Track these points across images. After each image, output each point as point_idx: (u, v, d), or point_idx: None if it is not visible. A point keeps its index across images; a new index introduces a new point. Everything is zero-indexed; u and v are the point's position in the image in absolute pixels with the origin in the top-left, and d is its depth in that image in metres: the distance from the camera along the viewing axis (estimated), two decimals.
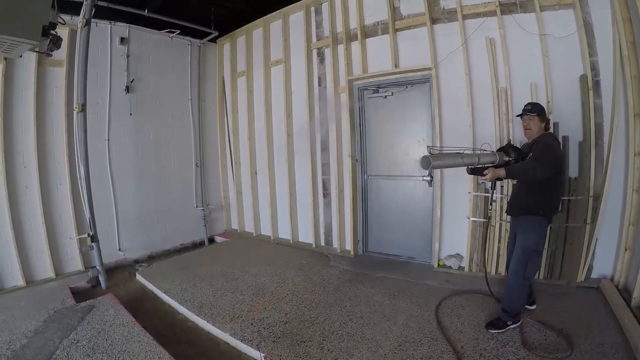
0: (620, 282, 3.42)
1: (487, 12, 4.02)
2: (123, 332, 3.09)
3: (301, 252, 5.44)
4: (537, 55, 3.77)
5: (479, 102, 4.14)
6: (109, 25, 5.16)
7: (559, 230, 3.78)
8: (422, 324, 3.14)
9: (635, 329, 2.65)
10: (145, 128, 5.71)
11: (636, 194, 3.27)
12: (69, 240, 4.73)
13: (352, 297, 3.75)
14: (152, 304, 4.02)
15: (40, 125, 4.53)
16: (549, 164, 2.72)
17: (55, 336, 3.03)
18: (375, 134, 5.13)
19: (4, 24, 2.26)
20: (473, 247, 4.25)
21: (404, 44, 4.65)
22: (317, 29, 5.47)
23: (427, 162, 2.59)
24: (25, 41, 2.46)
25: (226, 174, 7.05)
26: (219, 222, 7.05)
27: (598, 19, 3.52)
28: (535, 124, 2.99)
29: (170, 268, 4.87)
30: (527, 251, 2.86)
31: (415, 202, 4.83)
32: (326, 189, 5.60)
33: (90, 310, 3.50)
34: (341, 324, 3.20)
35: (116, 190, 5.31)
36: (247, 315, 3.40)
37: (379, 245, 5.20)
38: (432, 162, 2.59)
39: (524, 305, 3.02)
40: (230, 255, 5.44)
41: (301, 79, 5.54)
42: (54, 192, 4.68)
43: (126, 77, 5.38)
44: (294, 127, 5.80)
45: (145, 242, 5.68)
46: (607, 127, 3.55)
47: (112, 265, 5.04)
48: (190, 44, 6.28)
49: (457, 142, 4.08)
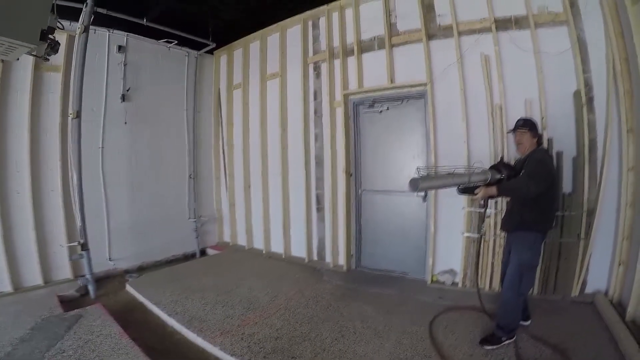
0: (614, 297, 3.41)
1: (482, 28, 4.09)
2: (111, 343, 3.03)
3: (294, 267, 5.38)
4: (532, 71, 3.82)
5: (473, 118, 4.16)
6: (107, 32, 5.17)
7: (553, 246, 3.77)
8: (416, 340, 3.09)
9: (630, 343, 2.64)
10: (140, 137, 5.68)
11: (630, 209, 3.29)
12: (59, 247, 4.65)
13: (345, 313, 3.70)
14: (142, 315, 3.94)
15: (35, 130, 4.50)
16: (542, 179, 2.71)
17: (41, 345, 2.97)
18: (370, 148, 5.13)
19: (2, 26, 2.26)
20: (467, 263, 4.23)
21: (400, 59, 4.69)
22: (313, 43, 5.52)
23: (415, 184, 2.55)
24: (22, 44, 2.45)
25: (220, 186, 7.00)
26: (211, 234, 6.97)
27: (591, 35, 3.60)
28: (527, 139, 2.99)
29: (161, 279, 4.80)
30: (521, 267, 2.85)
31: (409, 217, 4.82)
32: (320, 203, 5.56)
33: (78, 320, 3.44)
34: (333, 340, 3.14)
35: (108, 199, 5.25)
36: (237, 330, 3.34)
37: (372, 260, 5.15)
38: (419, 184, 2.55)
39: (518, 320, 2.99)
40: (222, 268, 5.37)
41: (297, 93, 5.56)
42: (45, 198, 4.63)
43: (122, 86, 5.37)
44: (288, 141, 5.79)
45: (136, 252, 5.59)
46: (600, 143, 3.58)
47: (101, 275, 4.95)
48: (187, 54, 6.31)
49: (452, 157, 4.14)
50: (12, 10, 2.31)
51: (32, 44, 2.50)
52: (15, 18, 2.33)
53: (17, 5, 2.34)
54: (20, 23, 2.36)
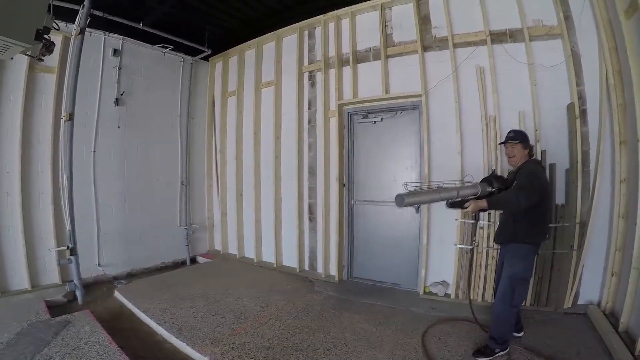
0: (607, 308, 3.43)
1: (477, 41, 4.15)
2: (98, 350, 2.95)
3: (285, 276, 5.34)
4: (526, 83, 3.87)
5: (467, 129, 4.19)
6: (103, 35, 5.14)
7: (545, 257, 3.78)
8: (409, 352, 3.06)
9: (624, 353, 2.66)
10: (133, 142, 5.63)
11: (622, 220, 3.32)
12: (48, 251, 4.57)
13: (337, 324, 3.65)
14: (130, 323, 3.86)
15: (27, 131, 4.44)
16: (533, 191, 2.69)
17: (27, 350, 2.90)
18: (364, 159, 5.13)
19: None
20: (460, 274, 4.21)
21: (395, 70, 4.73)
22: (309, 53, 5.54)
23: (401, 200, 2.54)
24: (17, 43, 2.42)
25: (212, 194, 6.94)
26: (202, 242, 6.89)
27: (585, 48, 3.66)
28: (518, 151, 3.00)
29: (151, 287, 4.72)
30: (514, 278, 2.83)
31: (401, 229, 4.80)
32: (312, 213, 5.54)
33: (66, 326, 3.36)
34: (325, 351, 3.09)
35: (99, 204, 5.18)
36: (228, 339, 3.28)
37: (364, 271, 5.12)
38: (405, 200, 2.53)
39: (511, 332, 2.98)
40: (213, 276, 5.30)
41: (291, 102, 5.57)
42: (35, 201, 4.56)
43: (116, 90, 5.33)
44: (282, 149, 5.77)
45: (126, 258, 5.51)
46: (593, 155, 3.62)
47: (90, 281, 4.86)
48: (182, 60, 6.30)
49: (446, 169, 4.16)
50: (8, 8, 2.28)
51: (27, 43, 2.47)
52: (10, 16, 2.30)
53: (13, 4, 2.31)
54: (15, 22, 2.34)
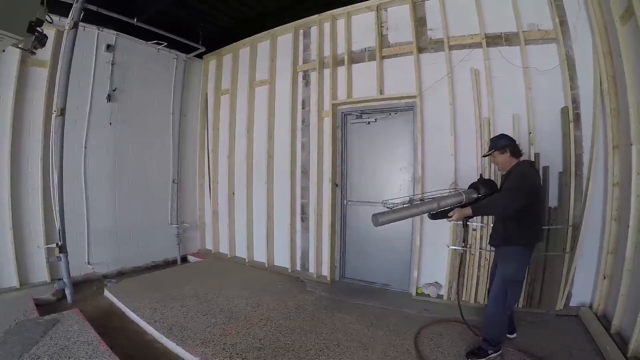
0: (599, 310, 3.46)
1: (473, 43, 4.16)
2: (87, 350, 2.90)
3: (277, 276, 5.32)
4: (520, 87, 3.89)
5: (462, 131, 4.20)
6: (97, 30, 5.08)
7: (538, 259, 3.79)
8: (401, 353, 3.05)
9: (617, 355, 2.68)
10: (124, 139, 5.57)
11: (615, 223, 3.35)
12: (37, 248, 4.50)
13: (329, 324, 3.64)
14: (120, 322, 3.81)
15: (17, 126, 4.39)
16: (521, 194, 2.65)
17: (15, 349, 2.84)
18: (357, 159, 5.12)
19: None
20: (452, 276, 4.22)
21: (390, 72, 4.72)
22: (304, 52, 5.53)
23: (375, 220, 2.52)
24: (9, 35, 2.39)
25: (203, 193, 6.89)
26: (193, 241, 6.84)
27: (580, 53, 3.69)
28: (498, 158, 3.01)
29: (141, 286, 4.66)
30: (506, 281, 2.83)
31: (394, 230, 4.70)
32: (305, 213, 5.52)
33: (54, 325, 3.30)
34: (317, 352, 3.07)
35: (89, 201, 5.12)
36: (219, 340, 3.25)
37: (357, 272, 5.11)
38: (379, 219, 2.50)
39: (504, 333, 2.99)
40: (204, 276, 5.25)
41: (285, 101, 5.54)
42: (25, 197, 4.49)
43: (109, 86, 5.27)
44: (275, 149, 5.75)
45: (116, 257, 5.45)
46: (586, 158, 3.66)
47: (79, 279, 4.81)
48: (176, 57, 6.25)
49: (439, 171, 4.19)
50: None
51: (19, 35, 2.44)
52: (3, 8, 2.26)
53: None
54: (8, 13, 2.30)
